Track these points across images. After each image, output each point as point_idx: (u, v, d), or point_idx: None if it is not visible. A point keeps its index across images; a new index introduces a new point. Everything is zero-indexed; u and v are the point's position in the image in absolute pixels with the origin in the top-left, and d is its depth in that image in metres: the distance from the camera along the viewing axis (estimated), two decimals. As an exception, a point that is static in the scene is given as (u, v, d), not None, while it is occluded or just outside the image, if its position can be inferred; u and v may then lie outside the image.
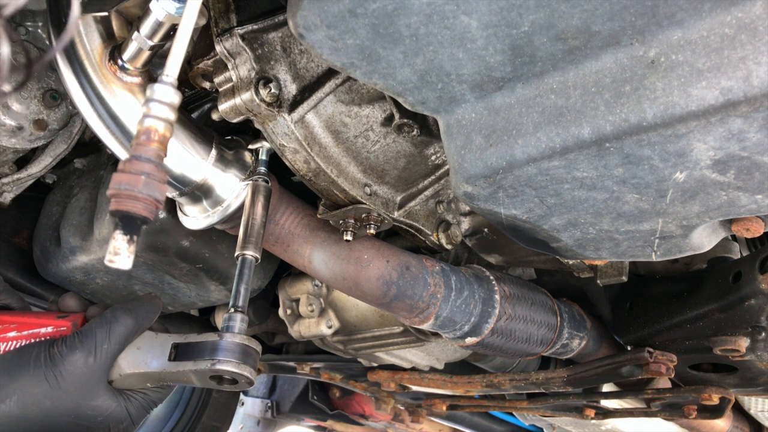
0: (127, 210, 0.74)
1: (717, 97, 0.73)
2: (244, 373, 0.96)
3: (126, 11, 1.04)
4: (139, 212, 0.74)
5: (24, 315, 1.04)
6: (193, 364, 0.97)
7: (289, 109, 1.05)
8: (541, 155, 0.87)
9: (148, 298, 1.05)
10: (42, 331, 1.01)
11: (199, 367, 0.96)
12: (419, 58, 0.86)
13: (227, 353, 0.96)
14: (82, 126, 1.50)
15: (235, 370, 0.96)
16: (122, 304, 1.03)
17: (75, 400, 0.93)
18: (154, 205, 0.75)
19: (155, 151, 0.76)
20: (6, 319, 1.03)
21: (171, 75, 0.79)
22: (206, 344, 0.97)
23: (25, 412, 0.92)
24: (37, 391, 0.92)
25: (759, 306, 1.39)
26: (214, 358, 0.96)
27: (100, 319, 0.99)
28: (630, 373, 1.56)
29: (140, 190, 0.74)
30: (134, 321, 1.00)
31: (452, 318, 1.29)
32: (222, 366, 0.95)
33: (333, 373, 2.21)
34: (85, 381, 0.94)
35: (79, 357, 0.94)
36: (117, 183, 0.74)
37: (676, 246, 1.04)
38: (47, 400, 0.92)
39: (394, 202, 1.22)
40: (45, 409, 0.92)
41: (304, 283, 1.63)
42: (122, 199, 0.74)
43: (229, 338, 0.97)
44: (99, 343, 0.96)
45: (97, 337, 0.97)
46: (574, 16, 0.76)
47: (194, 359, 0.97)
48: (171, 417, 2.73)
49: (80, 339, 0.96)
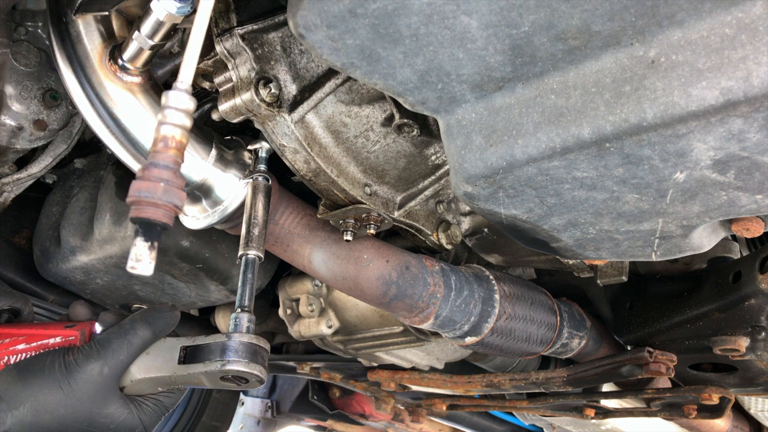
0: (147, 217, 0.74)
1: (717, 97, 0.73)
2: (254, 372, 0.97)
3: (126, 11, 1.04)
4: (159, 219, 0.74)
5: (32, 327, 1.05)
6: (203, 366, 0.97)
7: (289, 110, 1.05)
8: (541, 155, 0.87)
9: (167, 310, 1.05)
10: (51, 342, 1.02)
11: (209, 368, 0.97)
12: (419, 58, 0.86)
13: (236, 353, 0.97)
14: (82, 126, 1.50)
15: (245, 369, 0.96)
16: (141, 313, 1.03)
17: (88, 408, 0.94)
18: (174, 212, 0.75)
19: (173, 157, 0.77)
20: (15, 332, 1.03)
21: (185, 82, 0.79)
22: (215, 345, 0.98)
23: (38, 419, 0.92)
24: (51, 398, 0.92)
25: (759, 306, 1.39)
26: (223, 359, 0.96)
27: (118, 329, 1.00)
28: (630, 372, 1.56)
29: (160, 197, 0.74)
30: (152, 333, 1.01)
31: (452, 317, 1.29)
32: (232, 366, 0.96)
33: (333, 373, 2.21)
34: (98, 390, 0.95)
35: (95, 366, 0.95)
36: (137, 190, 0.74)
37: (676, 246, 1.04)
38: (61, 408, 0.93)
39: (394, 202, 1.22)
40: (58, 416, 0.93)
41: (304, 283, 1.63)
42: (142, 207, 0.74)
43: (238, 338, 0.98)
44: (115, 353, 0.97)
45: (114, 346, 0.97)
46: (575, 16, 0.76)
47: (204, 361, 0.98)
48: (171, 417, 2.73)
49: (97, 348, 0.97)
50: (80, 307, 1.12)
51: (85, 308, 1.12)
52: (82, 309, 1.11)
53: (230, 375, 0.98)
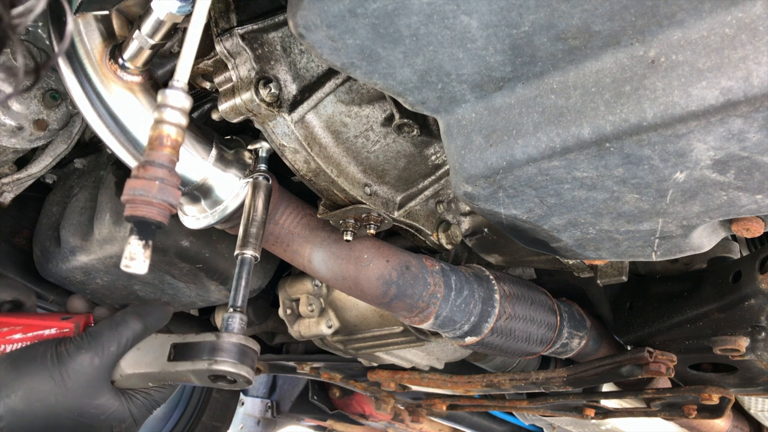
0: (142, 215, 0.74)
1: (717, 97, 0.73)
2: (241, 373, 0.97)
3: (127, 10, 1.04)
4: (153, 217, 0.74)
5: (29, 317, 1.06)
6: (191, 364, 0.98)
7: (289, 109, 1.05)
8: (541, 155, 0.87)
9: (159, 305, 1.07)
10: (46, 333, 1.02)
11: (197, 367, 0.97)
12: (419, 58, 0.86)
13: (225, 353, 0.97)
14: (82, 126, 1.50)
15: (232, 369, 0.96)
16: (133, 307, 1.05)
17: (79, 398, 0.95)
18: (168, 210, 0.75)
19: (168, 156, 0.77)
20: (11, 321, 1.04)
21: (181, 80, 0.79)
22: (204, 344, 0.98)
23: (29, 407, 0.93)
24: (43, 387, 0.94)
25: (759, 306, 1.39)
26: (211, 358, 0.97)
27: (110, 321, 1.01)
28: (630, 372, 1.56)
29: (155, 195, 0.74)
30: (143, 326, 1.02)
31: (452, 317, 1.29)
32: (219, 366, 0.96)
33: (333, 373, 2.21)
34: (89, 380, 0.96)
35: (86, 357, 0.96)
36: (131, 189, 0.74)
37: (676, 246, 1.04)
38: (51, 397, 0.94)
39: (394, 202, 1.22)
40: (49, 405, 0.94)
41: (304, 283, 1.63)
42: (137, 205, 0.74)
43: (227, 338, 0.98)
44: (106, 344, 0.98)
45: (105, 338, 0.98)
46: (575, 16, 0.76)
47: (192, 359, 0.98)
48: (171, 417, 2.73)
49: (88, 339, 0.98)
50: (78, 300, 1.13)
51: (83, 301, 1.13)
52: (79, 302, 1.13)
53: (218, 374, 0.98)
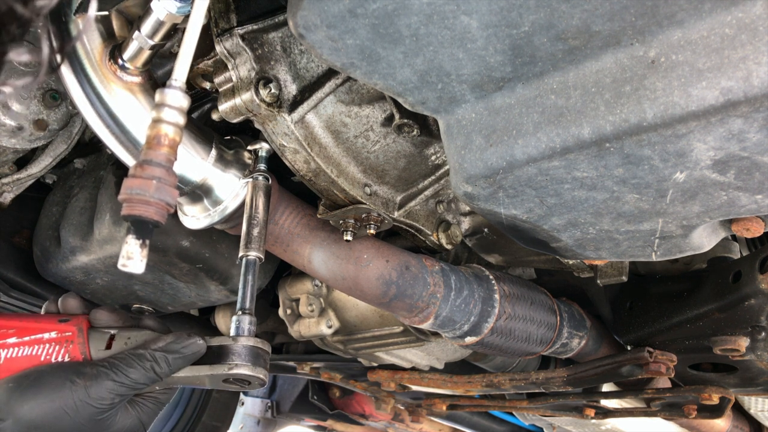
0: (139, 214, 0.74)
1: (717, 97, 0.73)
2: (258, 375, 1.00)
3: (127, 10, 1.04)
4: (150, 216, 0.74)
5: (22, 319, 1.02)
6: (209, 369, 1.00)
7: (289, 110, 1.05)
8: (542, 155, 0.87)
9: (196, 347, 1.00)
10: (45, 337, 0.99)
11: (216, 371, 0.99)
12: (419, 58, 0.86)
13: (241, 357, 0.99)
14: (82, 126, 1.50)
15: (250, 373, 0.99)
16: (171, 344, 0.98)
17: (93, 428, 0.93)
18: (166, 209, 0.75)
19: (166, 155, 0.76)
20: (3, 323, 1.00)
21: (179, 79, 0.79)
22: (220, 348, 1.00)
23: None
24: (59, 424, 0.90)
25: (759, 306, 1.39)
26: (230, 363, 0.99)
27: (141, 360, 0.96)
28: (630, 372, 1.56)
29: (152, 194, 0.74)
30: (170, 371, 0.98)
31: (452, 317, 1.29)
32: (239, 370, 0.99)
33: (333, 373, 2.21)
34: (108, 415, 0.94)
35: (107, 396, 0.92)
36: (128, 188, 0.74)
37: (676, 246, 1.04)
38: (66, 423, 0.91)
39: (394, 202, 1.22)
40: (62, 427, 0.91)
41: (304, 283, 1.63)
42: (134, 204, 0.74)
43: (243, 342, 1.00)
44: (132, 384, 0.94)
45: (131, 376, 0.94)
46: (575, 16, 0.76)
47: (210, 363, 1.00)
48: (171, 417, 2.73)
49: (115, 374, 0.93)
50: (72, 300, 1.07)
51: (77, 300, 1.08)
52: (74, 301, 1.07)
53: (234, 378, 1.00)
